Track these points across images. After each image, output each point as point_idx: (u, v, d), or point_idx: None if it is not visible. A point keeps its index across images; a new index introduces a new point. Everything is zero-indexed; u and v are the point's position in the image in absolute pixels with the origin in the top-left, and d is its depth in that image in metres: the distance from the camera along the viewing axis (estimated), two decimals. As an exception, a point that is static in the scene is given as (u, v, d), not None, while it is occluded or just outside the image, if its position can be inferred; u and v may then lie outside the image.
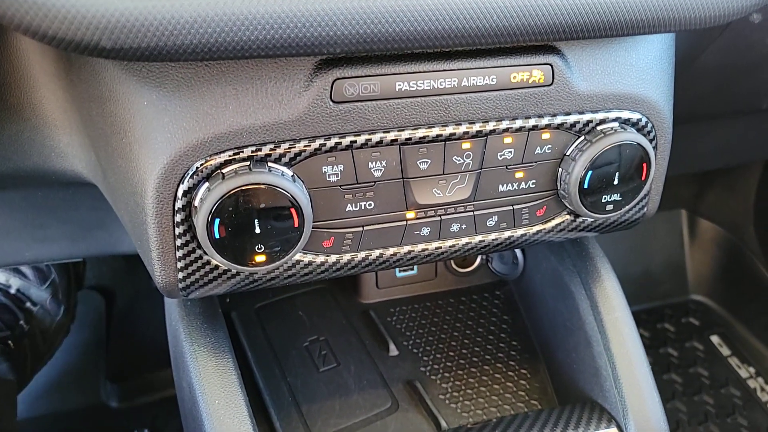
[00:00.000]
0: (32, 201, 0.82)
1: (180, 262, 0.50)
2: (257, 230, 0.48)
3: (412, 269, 0.87)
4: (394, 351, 0.80)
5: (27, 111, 0.56)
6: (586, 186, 0.56)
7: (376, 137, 0.50)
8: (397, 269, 0.87)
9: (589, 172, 0.55)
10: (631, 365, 0.64)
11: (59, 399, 1.37)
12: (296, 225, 0.49)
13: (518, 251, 0.84)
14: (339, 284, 0.89)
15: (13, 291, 1.12)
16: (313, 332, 0.82)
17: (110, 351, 1.43)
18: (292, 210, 0.48)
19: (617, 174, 0.56)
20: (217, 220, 0.47)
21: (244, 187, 0.46)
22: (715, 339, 1.66)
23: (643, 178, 0.58)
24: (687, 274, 1.77)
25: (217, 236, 0.48)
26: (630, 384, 0.62)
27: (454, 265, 0.88)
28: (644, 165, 0.57)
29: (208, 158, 0.47)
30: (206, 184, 0.47)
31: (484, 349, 0.81)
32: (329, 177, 0.51)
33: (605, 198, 0.57)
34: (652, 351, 1.62)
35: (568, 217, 0.60)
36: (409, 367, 0.78)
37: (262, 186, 0.47)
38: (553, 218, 0.60)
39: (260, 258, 0.49)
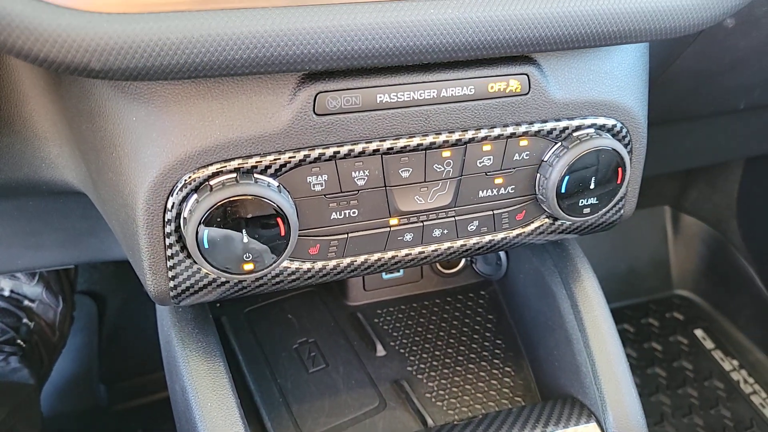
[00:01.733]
0: (24, 210, 0.83)
1: (171, 271, 0.52)
2: (245, 239, 0.50)
3: (399, 271, 0.89)
4: (381, 351, 0.82)
5: (17, 124, 0.57)
6: (563, 190, 0.58)
7: (358, 148, 0.51)
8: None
9: (566, 177, 0.57)
10: (610, 362, 0.66)
11: (54, 402, 1.38)
12: (282, 234, 0.51)
13: (501, 253, 0.86)
14: (327, 287, 0.90)
15: (6, 293, 1.13)
16: (302, 334, 0.83)
17: (103, 354, 1.44)
18: (279, 219, 0.50)
19: (594, 178, 0.58)
20: (206, 231, 0.49)
21: (231, 199, 0.48)
22: (698, 333, 1.70)
23: (618, 181, 0.60)
24: (671, 270, 1.80)
25: (206, 246, 0.49)
26: (608, 380, 0.65)
27: (439, 267, 0.90)
28: (620, 169, 0.59)
29: (196, 171, 0.48)
30: (195, 196, 0.48)
31: (469, 348, 0.83)
32: (314, 186, 0.52)
33: (582, 201, 0.59)
34: (637, 346, 1.65)
35: (547, 220, 0.62)
36: (396, 367, 0.80)
37: (249, 197, 0.48)
38: (533, 222, 0.62)
39: (248, 266, 0.51)
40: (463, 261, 0.91)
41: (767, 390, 1.55)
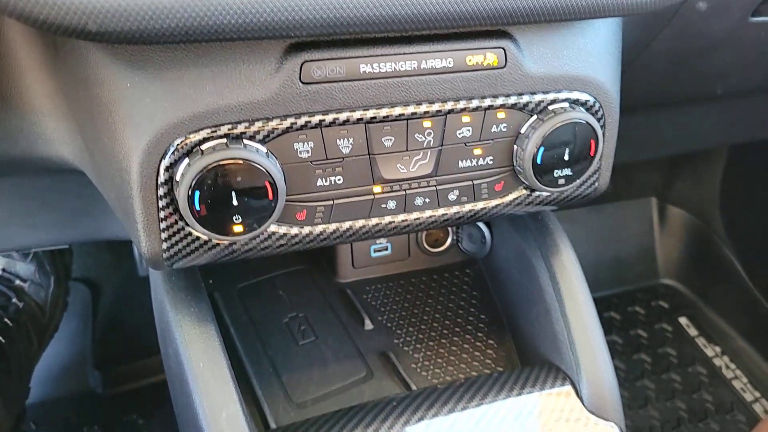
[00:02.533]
0: (20, 189, 0.85)
1: (164, 233, 0.54)
2: (234, 203, 0.52)
3: (386, 249, 0.92)
4: (369, 325, 0.85)
5: (15, 98, 0.59)
6: (539, 162, 0.61)
7: (343, 116, 0.54)
8: (371, 249, 0.91)
9: (542, 149, 0.60)
10: (585, 328, 0.69)
11: (48, 387, 1.40)
12: (270, 198, 0.53)
13: (486, 231, 0.89)
14: (317, 265, 0.93)
15: None
16: (293, 309, 0.86)
17: (97, 340, 1.46)
18: (267, 183, 0.52)
19: (568, 150, 0.61)
20: (197, 194, 0.51)
21: (221, 162, 0.51)
22: (683, 320, 1.73)
23: (592, 154, 0.63)
24: (657, 259, 1.84)
25: (197, 208, 0.52)
26: (583, 345, 0.68)
27: (426, 245, 0.93)
28: (593, 142, 0.62)
29: (187, 136, 0.51)
30: (186, 160, 0.51)
31: (454, 322, 0.86)
32: (301, 153, 0.55)
33: (557, 173, 0.62)
34: (623, 333, 1.68)
35: (524, 191, 0.65)
36: (383, 340, 0.83)
37: (238, 161, 0.51)
38: (511, 193, 0.64)
39: (238, 228, 0.53)
40: (449, 240, 0.94)
41: (748, 375, 1.58)
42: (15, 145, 0.64)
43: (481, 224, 0.89)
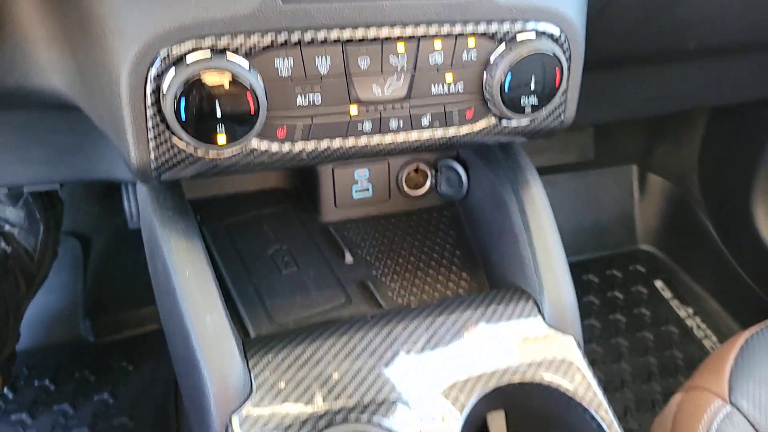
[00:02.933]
0: (12, 124, 0.88)
1: (152, 142, 0.58)
2: (218, 113, 0.56)
3: (368, 191, 0.96)
4: (349, 259, 0.89)
5: (8, 27, 0.62)
6: (506, 90, 0.65)
7: (320, 35, 0.58)
8: (353, 190, 0.95)
9: (509, 77, 0.64)
10: (549, 253, 0.73)
11: (39, 334, 1.44)
12: (252, 111, 0.57)
13: (463, 174, 0.93)
14: (301, 206, 0.97)
15: None
16: (277, 243, 0.90)
17: (88, 291, 1.50)
18: (249, 95, 0.56)
19: (534, 79, 0.65)
20: (183, 103, 0.55)
21: (205, 73, 0.54)
22: (658, 284, 1.79)
23: (557, 85, 0.67)
24: (636, 226, 1.89)
25: (183, 118, 0.55)
26: (546, 268, 0.72)
27: (405, 188, 0.97)
28: (558, 72, 0.66)
29: (173, 46, 0.54)
30: (173, 70, 0.55)
31: (430, 257, 0.90)
32: (281, 72, 0.59)
33: (524, 101, 0.66)
34: (600, 294, 1.74)
35: (493, 120, 0.69)
36: (363, 272, 0.88)
37: (222, 71, 0.54)
38: (480, 120, 0.68)
39: (221, 139, 0.57)
40: (428, 183, 0.98)
41: (717, 334, 1.65)
42: (10, 75, 0.67)
43: (458, 168, 0.93)
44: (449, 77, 0.64)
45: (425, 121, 0.66)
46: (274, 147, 0.62)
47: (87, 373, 1.40)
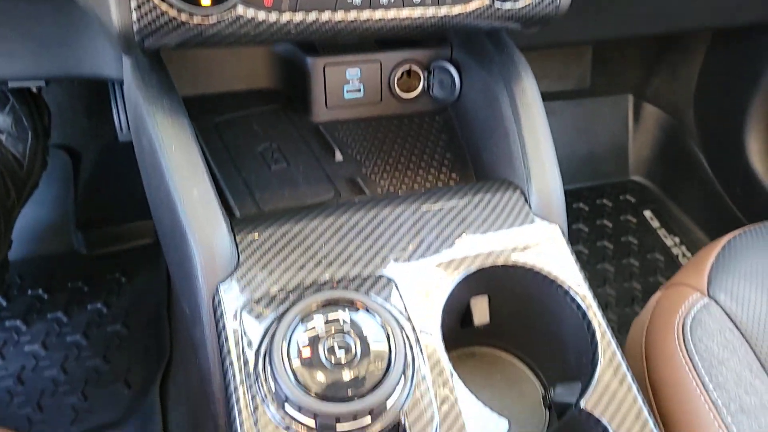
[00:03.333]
0: None
1: (133, 2, 0.56)
2: (203, -28, 0.54)
3: (359, 91, 0.94)
4: (339, 157, 0.89)
5: None
6: (501, -34, 0.63)
7: None
8: (345, 90, 0.94)
9: (504, -48, 0.62)
10: (538, 143, 0.73)
11: (32, 245, 1.45)
12: (238, -28, 0.55)
13: (456, 76, 0.91)
14: (291, 106, 0.96)
15: None
16: (267, 141, 0.90)
17: (79, 204, 1.50)
18: (234, -47, 0.54)
19: (529, -43, 0.63)
20: (166, -41, 0.53)
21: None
22: (647, 213, 1.81)
23: (553, -34, 0.65)
24: (629, 157, 1.89)
25: (166, -25, 0.54)
26: (534, 158, 0.72)
27: (398, 91, 0.96)
28: (553, -49, 0.64)
29: None
30: None
31: (420, 158, 0.90)
32: (269, -67, 0.57)
33: (518, -20, 0.64)
34: (590, 222, 1.76)
35: (486, 1, 0.67)
36: (353, 170, 0.87)
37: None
38: (473, 1, 0.67)
39: (205, 0, 0.56)
40: (420, 86, 0.96)
41: (703, 262, 1.67)
42: None
43: (451, 69, 0.92)
44: (443, -50, 0.62)
45: (417, -3, 0.64)
46: (261, 16, 0.61)
47: (80, 284, 1.41)
